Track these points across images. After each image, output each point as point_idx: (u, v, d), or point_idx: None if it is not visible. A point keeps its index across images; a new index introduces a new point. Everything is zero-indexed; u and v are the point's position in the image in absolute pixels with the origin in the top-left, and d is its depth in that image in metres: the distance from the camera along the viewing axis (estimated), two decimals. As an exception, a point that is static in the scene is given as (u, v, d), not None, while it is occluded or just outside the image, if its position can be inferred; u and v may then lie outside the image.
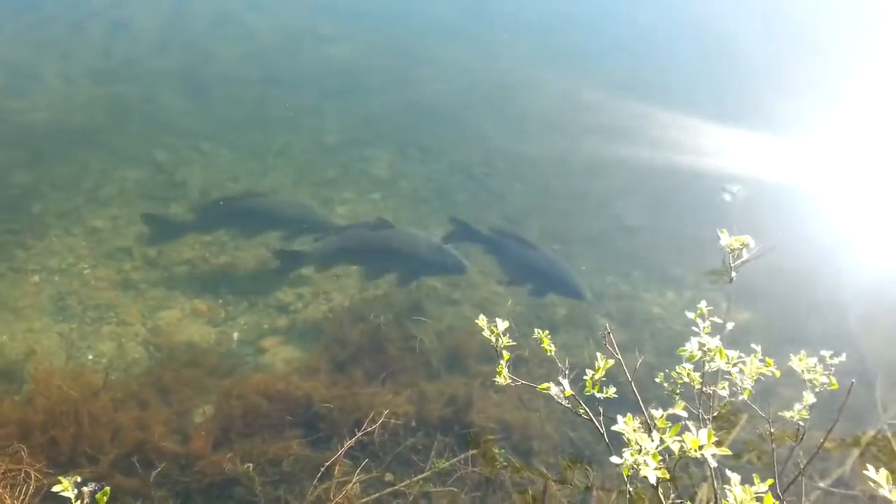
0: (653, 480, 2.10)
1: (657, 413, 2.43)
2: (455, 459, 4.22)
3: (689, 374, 3.36)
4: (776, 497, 3.40)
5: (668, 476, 2.53)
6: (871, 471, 2.61)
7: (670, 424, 2.29)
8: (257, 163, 7.16)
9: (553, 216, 6.69)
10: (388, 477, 4.16)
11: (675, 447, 2.19)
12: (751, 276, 5.99)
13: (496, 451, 4.28)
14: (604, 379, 3.17)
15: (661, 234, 6.49)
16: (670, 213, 6.67)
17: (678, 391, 3.41)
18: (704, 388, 3.38)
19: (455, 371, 4.95)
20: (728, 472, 2.80)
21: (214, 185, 6.85)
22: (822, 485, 4.00)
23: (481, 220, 6.54)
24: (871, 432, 4.49)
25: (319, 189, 6.91)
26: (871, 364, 5.12)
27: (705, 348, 3.17)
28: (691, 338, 3.19)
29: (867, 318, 5.56)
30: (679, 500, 3.12)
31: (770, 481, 2.66)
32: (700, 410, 3.42)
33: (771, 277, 6.03)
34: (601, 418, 3.25)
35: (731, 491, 2.51)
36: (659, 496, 2.63)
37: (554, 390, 3.19)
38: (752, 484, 2.64)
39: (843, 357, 3.35)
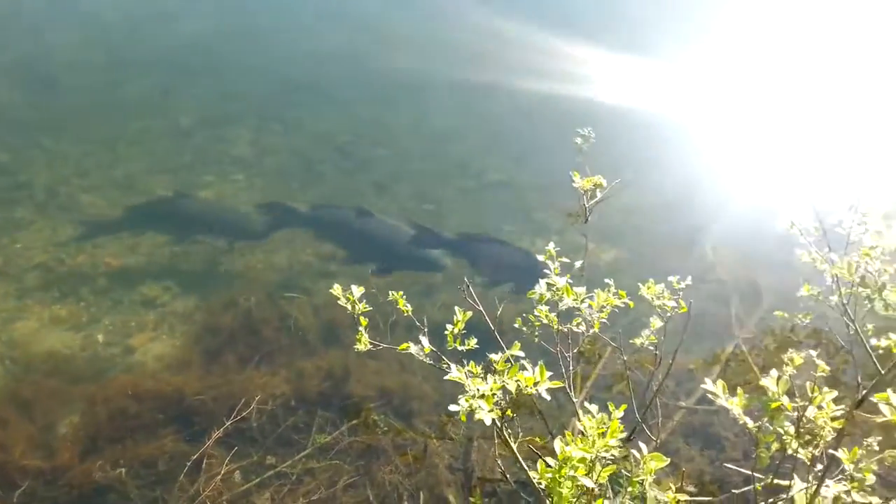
0: (488, 422, 2.12)
1: (496, 357, 2.45)
2: (336, 432, 4.17)
3: (546, 316, 3.43)
4: (637, 420, 3.56)
5: (511, 414, 2.58)
6: (707, 383, 2.75)
7: (509, 366, 2.32)
8: (107, 153, 6.76)
9: (421, 178, 6.67)
10: (270, 460, 4.07)
11: (513, 387, 2.22)
12: (614, 214, 6.23)
13: (377, 417, 4.26)
14: (464, 331, 3.19)
15: (526, 184, 6.59)
16: (532, 162, 6.77)
17: (537, 333, 3.49)
18: (562, 328, 3.46)
19: (332, 344, 4.88)
20: (587, 405, 2.89)
21: (61, 182, 6.42)
22: (683, 404, 4.21)
23: (350, 189, 6.46)
24: (730, 349, 4.76)
25: (178, 175, 6.60)
26: (728, 286, 5.43)
27: (554, 288, 3.24)
28: (539, 280, 3.25)
29: (722, 244, 5.86)
30: (527, 437, 3.20)
31: (623, 406, 2.75)
32: (560, 348, 3.50)
33: (634, 214, 6.27)
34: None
35: (581, 423, 2.59)
36: (511, 437, 2.68)
37: (413, 349, 3.18)
38: (609, 412, 2.73)
39: (688, 281, 3.48)
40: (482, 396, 2.10)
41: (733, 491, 3.27)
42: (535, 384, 2.22)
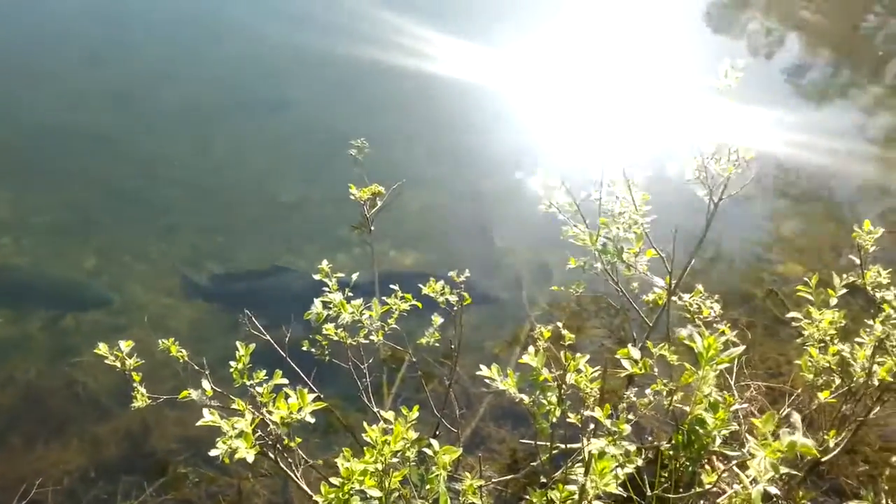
0: (250, 460, 2.08)
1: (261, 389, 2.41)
2: (144, 495, 3.93)
3: (335, 333, 3.43)
4: (439, 419, 3.65)
5: (291, 444, 2.55)
6: (483, 369, 2.88)
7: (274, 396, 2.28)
8: None
9: (211, 211, 6.41)
10: (73, 542, 3.75)
11: (277, 417, 2.19)
12: (410, 219, 6.36)
13: (185, 469, 4.06)
14: (250, 365, 3.11)
15: (320, 202, 6.54)
16: (323, 180, 6.73)
17: (327, 352, 3.48)
18: (353, 341, 3.48)
19: (128, 403, 4.55)
20: (382, 413, 2.91)
21: None
22: (485, 389, 4.38)
23: (141, 239, 6.07)
24: (527, 328, 5.03)
25: (-70, 250, 5.88)
26: (520, 270, 5.72)
27: (330, 305, 3.24)
28: (314, 299, 3.25)
29: (511, 233, 6.15)
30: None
31: (416, 408, 2.80)
32: (352, 361, 3.53)
33: (432, 213, 6.43)
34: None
35: (368, 435, 2.60)
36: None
37: (194, 395, 3.06)
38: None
39: (467, 273, 3.61)
40: (240, 435, 2.05)
41: (531, 464, 3.45)
42: (299, 410, 2.20)
